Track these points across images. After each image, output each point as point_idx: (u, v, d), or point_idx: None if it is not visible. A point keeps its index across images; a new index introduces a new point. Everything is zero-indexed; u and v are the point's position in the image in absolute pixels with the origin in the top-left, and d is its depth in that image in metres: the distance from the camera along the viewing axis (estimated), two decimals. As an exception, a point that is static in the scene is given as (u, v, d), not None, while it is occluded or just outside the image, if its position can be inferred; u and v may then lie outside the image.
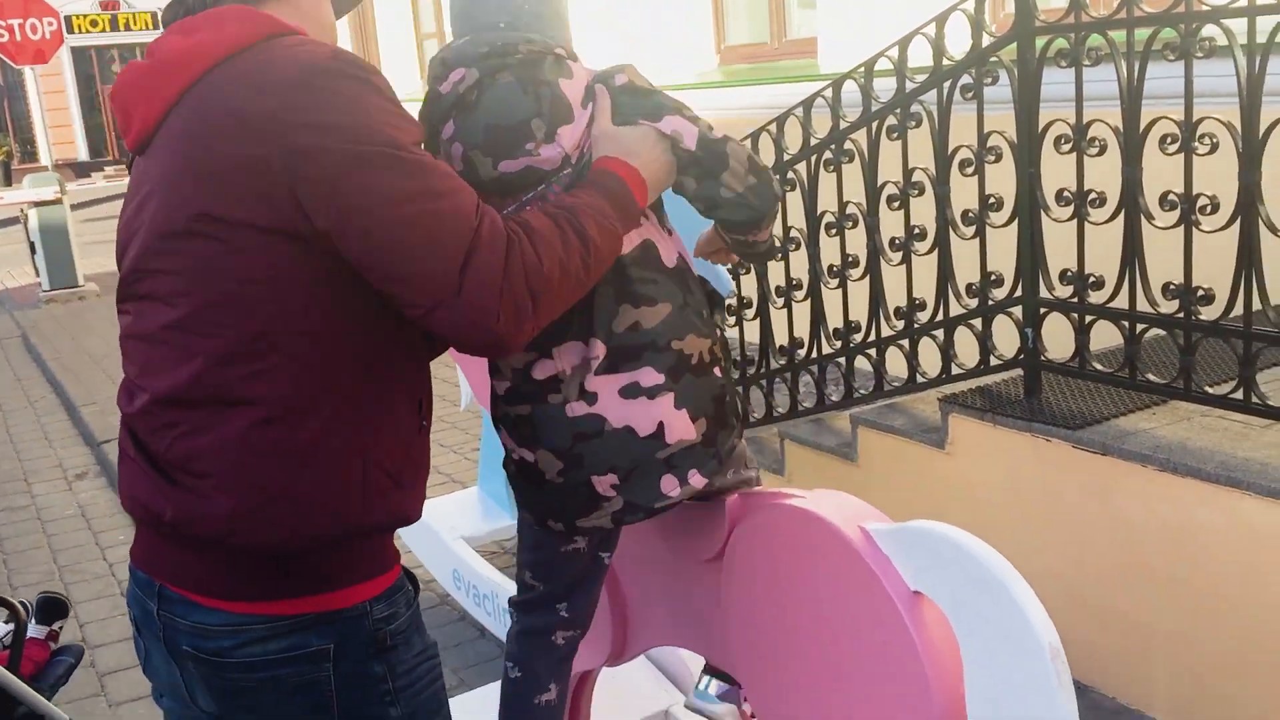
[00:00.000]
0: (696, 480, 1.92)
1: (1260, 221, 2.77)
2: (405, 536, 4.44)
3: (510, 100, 1.84)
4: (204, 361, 1.53)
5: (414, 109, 1.72)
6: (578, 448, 1.89)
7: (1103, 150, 3.09)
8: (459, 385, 4.63)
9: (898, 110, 3.55)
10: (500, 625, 3.82)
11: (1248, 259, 2.81)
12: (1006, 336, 3.45)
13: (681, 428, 1.90)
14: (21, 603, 2.66)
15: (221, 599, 1.59)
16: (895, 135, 3.58)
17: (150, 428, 1.61)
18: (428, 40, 11.23)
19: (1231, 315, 2.89)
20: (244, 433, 1.53)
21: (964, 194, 3.45)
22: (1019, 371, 3.45)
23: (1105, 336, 3.23)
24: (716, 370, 1.97)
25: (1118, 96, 2.99)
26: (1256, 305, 2.82)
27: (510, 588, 3.77)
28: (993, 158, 3.36)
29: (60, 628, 2.81)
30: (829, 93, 3.80)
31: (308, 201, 1.46)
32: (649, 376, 1.88)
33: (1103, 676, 3.18)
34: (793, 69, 6.56)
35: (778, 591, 1.94)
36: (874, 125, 3.65)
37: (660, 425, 1.89)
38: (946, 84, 3.42)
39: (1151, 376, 3.10)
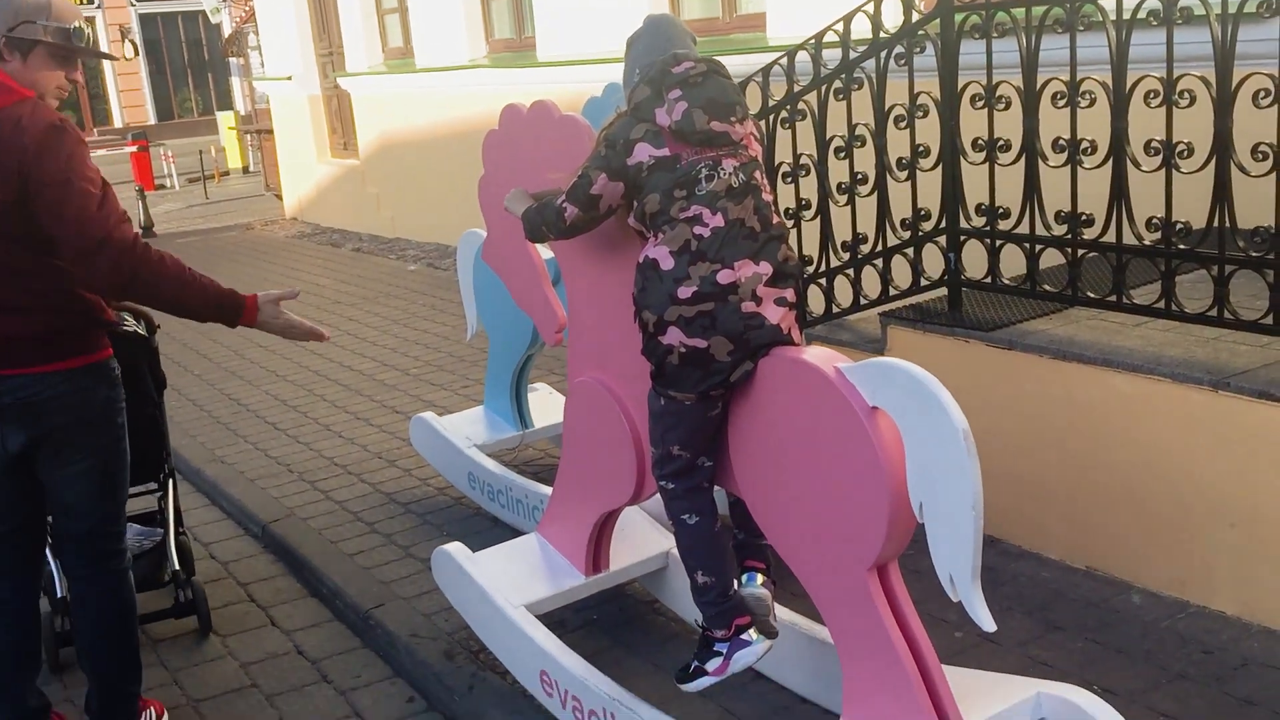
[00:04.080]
0: None
1: (1128, 160, 3.55)
2: (423, 451, 5.13)
3: (728, 88, 2.81)
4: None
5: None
6: (748, 334, 2.69)
7: (1008, 106, 3.86)
8: (465, 321, 5.27)
9: (843, 75, 4.28)
10: (513, 515, 4.53)
11: (1117, 189, 3.59)
12: (933, 261, 4.22)
13: (798, 334, 2.81)
14: None
15: (40, 365, 2.95)
16: (840, 96, 4.31)
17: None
18: (389, 15, 11.78)
19: (1107, 235, 3.68)
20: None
21: (898, 144, 4.20)
22: (944, 290, 4.23)
23: (1015, 260, 4.01)
24: None
25: (1019, 63, 3.76)
26: (1126, 227, 3.61)
27: (519, 483, 4.49)
28: (921, 114, 4.11)
29: None
30: (784, 60, 4.52)
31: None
32: (790, 295, 2.77)
33: (1010, 529, 3.98)
34: (742, 41, 7.28)
35: (771, 421, 2.68)
36: (823, 88, 4.37)
37: (790, 330, 2.76)
38: (883, 53, 4.16)
39: (1047, 287, 3.89)
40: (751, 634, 2.87)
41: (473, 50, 10.38)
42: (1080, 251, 3.77)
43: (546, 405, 5.14)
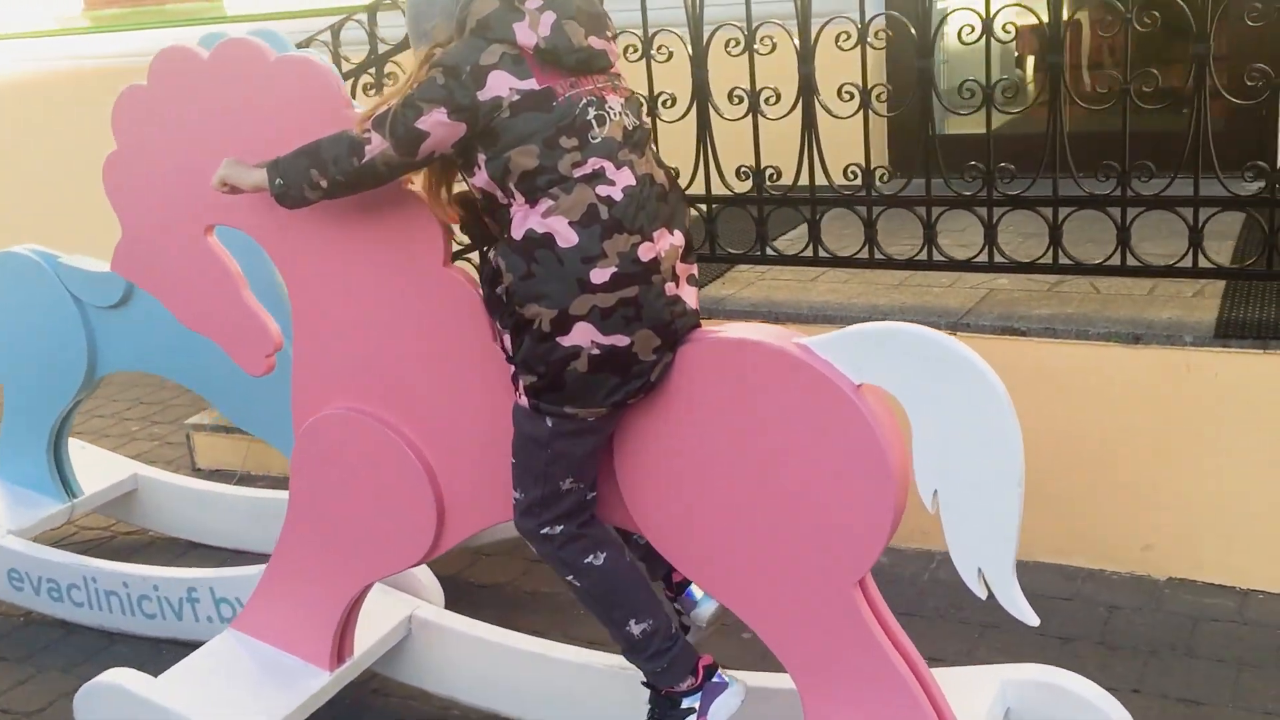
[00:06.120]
0: None
1: (817, 107, 3.42)
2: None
3: None
4: None
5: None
6: (675, 323, 2.11)
7: (670, 57, 3.56)
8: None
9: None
10: (102, 613, 3.38)
11: (809, 139, 3.45)
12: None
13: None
14: None
15: None
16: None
17: None
18: None
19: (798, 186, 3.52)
20: None
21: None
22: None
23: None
24: None
25: (685, 17, 3.47)
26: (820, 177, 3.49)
27: (109, 569, 3.41)
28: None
29: None
30: (363, 18, 3.86)
31: None
32: (694, 269, 2.22)
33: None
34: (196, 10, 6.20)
35: (704, 424, 2.11)
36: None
37: (696, 310, 2.20)
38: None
39: (730, 249, 3.66)
40: (724, 675, 2.30)
41: None
42: (767, 208, 3.59)
43: (91, 466, 3.92)
